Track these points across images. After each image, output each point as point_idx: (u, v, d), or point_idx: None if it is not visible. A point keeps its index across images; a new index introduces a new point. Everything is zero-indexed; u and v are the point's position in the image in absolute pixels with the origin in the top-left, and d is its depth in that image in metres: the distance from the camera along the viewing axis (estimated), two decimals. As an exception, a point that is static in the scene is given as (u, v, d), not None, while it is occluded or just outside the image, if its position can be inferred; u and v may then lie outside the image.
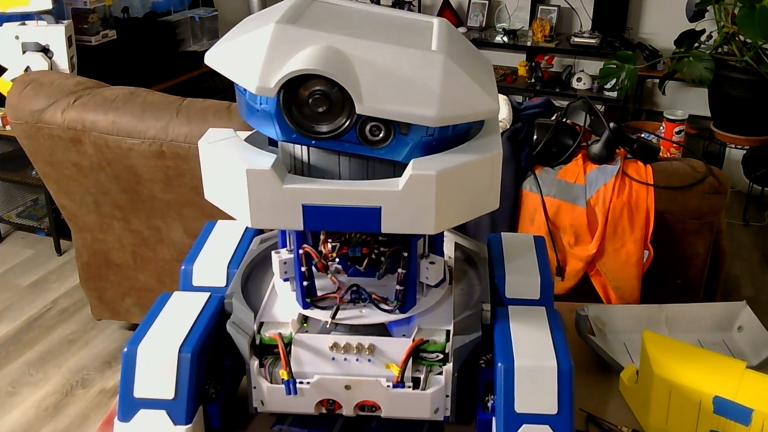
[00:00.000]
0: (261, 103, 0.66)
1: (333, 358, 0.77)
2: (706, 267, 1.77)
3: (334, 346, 0.77)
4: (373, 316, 0.78)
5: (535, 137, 1.80)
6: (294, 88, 0.64)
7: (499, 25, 4.27)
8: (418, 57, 0.65)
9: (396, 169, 0.69)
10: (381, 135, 0.65)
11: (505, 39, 4.16)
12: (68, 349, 2.40)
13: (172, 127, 1.80)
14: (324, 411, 0.80)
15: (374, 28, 0.72)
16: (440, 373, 0.77)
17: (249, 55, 0.64)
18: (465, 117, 0.66)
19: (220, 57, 0.68)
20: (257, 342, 0.79)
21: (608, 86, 3.55)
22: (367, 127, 0.65)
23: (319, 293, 0.80)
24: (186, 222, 1.97)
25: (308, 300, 0.79)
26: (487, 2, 4.38)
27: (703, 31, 3.37)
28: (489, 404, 0.78)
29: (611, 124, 1.75)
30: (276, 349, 0.77)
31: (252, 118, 0.69)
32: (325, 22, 0.70)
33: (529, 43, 4.17)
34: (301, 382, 0.77)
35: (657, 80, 3.76)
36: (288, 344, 0.78)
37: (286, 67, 0.62)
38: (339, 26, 0.69)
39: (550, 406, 0.72)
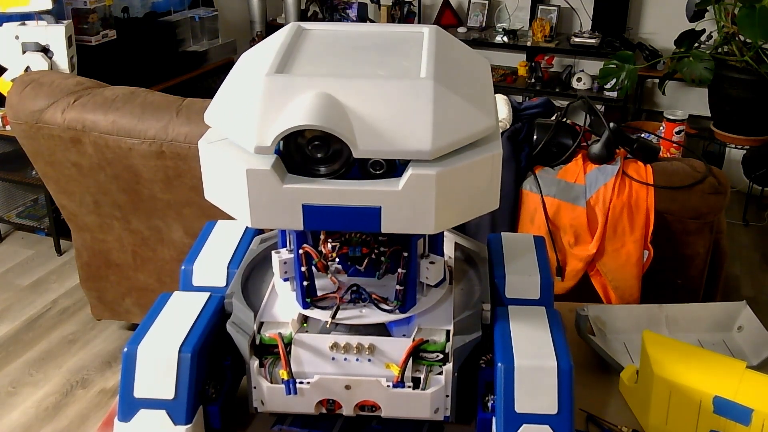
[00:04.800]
0: None
1: (333, 358, 0.77)
2: (706, 267, 1.77)
3: (334, 346, 0.77)
4: (373, 316, 0.78)
5: (535, 137, 1.80)
6: (292, 138, 0.65)
7: (499, 25, 4.26)
8: (407, 88, 0.66)
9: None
10: (383, 170, 0.67)
11: (505, 39, 4.16)
12: (68, 349, 2.40)
13: (172, 127, 1.80)
14: (324, 411, 0.80)
15: (363, 58, 0.73)
16: (440, 373, 0.77)
17: (244, 114, 0.66)
18: (461, 142, 0.67)
19: (217, 115, 0.70)
20: (257, 342, 0.79)
21: (608, 86, 3.55)
22: (369, 164, 0.67)
23: (319, 293, 0.80)
24: (186, 222, 1.97)
25: (308, 300, 0.79)
26: (487, 2, 4.38)
27: (703, 31, 3.37)
28: (489, 404, 0.78)
29: (611, 124, 1.75)
30: (276, 349, 0.78)
31: None
32: (314, 62, 0.71)
33: (529, 43, 4.17)
34: (301, 382, 0.77)
35: (657, 80, 3.76)
36: (288, 344, 0.78)
37: (279, 124, 0.64)
38: (328, 64, 0.71)
39: (550, 406, 0.72)
